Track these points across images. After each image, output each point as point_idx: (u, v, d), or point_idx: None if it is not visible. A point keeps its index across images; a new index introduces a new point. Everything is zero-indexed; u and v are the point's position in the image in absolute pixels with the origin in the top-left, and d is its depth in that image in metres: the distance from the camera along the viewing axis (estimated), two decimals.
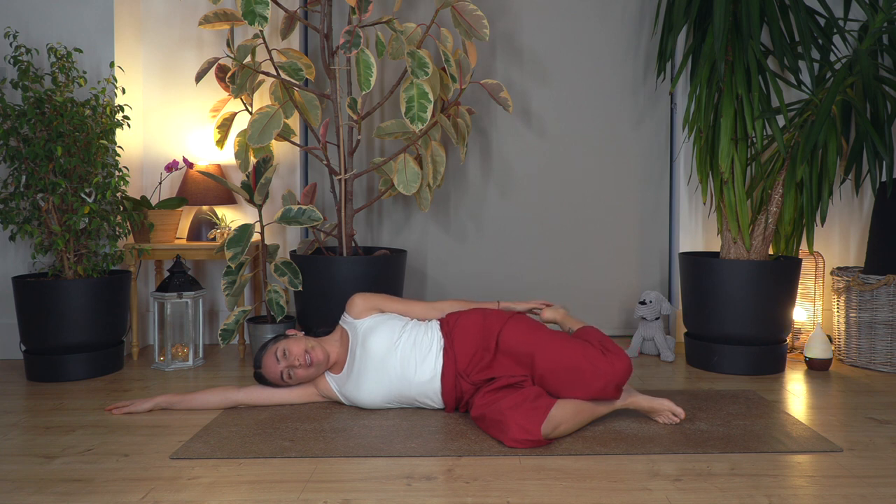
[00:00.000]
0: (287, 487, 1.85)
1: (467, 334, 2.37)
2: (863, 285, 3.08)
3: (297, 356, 2.39)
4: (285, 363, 2.39)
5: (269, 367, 2.43)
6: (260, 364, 2.45)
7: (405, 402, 2.43)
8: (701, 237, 3.60)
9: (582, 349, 2.22)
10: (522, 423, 2.10)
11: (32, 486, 1.87)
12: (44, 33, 3.20)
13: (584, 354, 2.20)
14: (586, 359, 2.19)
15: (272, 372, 2.43)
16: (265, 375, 2.45)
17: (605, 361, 2.18)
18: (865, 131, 2.88)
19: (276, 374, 2.43)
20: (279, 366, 2.41)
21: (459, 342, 2.36)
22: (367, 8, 2.92)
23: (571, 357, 2.20)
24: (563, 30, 3.67)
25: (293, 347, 2.39)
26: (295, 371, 2.40)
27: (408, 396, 2.40)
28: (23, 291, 2.88)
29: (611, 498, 1.79)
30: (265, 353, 2.44)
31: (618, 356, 2.20)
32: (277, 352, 2.40)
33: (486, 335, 2.35)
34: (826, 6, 3.02)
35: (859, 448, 2.14)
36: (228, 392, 2.48)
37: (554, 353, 2.22)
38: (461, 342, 2.36)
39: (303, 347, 2.40)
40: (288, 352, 2.39)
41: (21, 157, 2.85)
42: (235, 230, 2.96)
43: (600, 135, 3.70)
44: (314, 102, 3.21)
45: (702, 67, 2.99)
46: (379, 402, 2.41)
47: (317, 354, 2.40)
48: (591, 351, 2.21)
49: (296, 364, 2.39)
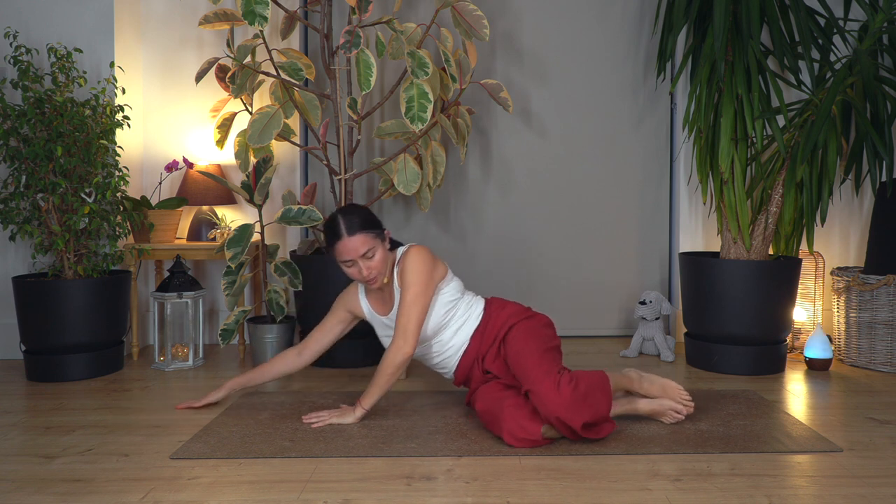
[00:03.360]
0: (287, 487, 1.85)
1: (497, 322, 2.35)
2: (863, 285, 3.08)
3: (366, 271, 2.29)
4: (361, 275, 2.31)
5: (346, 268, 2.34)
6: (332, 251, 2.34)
7: (419, 359, 2.46)
8: (701, 237, 3.60)
9: (541, 372, 2.11)
10: (523, 423, 2.10)
11: (32, 486, 1.87)
12: (44, 33, 3.20)
13: (538, 377, 2.10)
14: (534, 383, 2.10)
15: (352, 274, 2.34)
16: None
17: (550, 394, 2.05)
18: (865, 131, 2.88)
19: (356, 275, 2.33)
20: (354, 270, 2.32)
21: (490, 328, 2.35)
22: (367, 8, 2.92)
23: (526, 373, 2.14)
24: (563, 30, 3.67)
25: (361, 269, 2.29)
26: (369, 276, 2.31)
27: (426, 357, 2.43)
28: (23, 291, 2.88)
29: (611, 498, 1.79)
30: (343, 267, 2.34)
31: (569, 395, 2.05)
32: (347, 265, 2.31)
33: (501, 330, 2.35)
34: (826, 6, 3.02)
35: (859, 448, 2.14)
36: (288, 357, 2.48)
37: (518, 369, 2.19)
38: (491, 328, 2.35)
39: (370, 269, 2.29)
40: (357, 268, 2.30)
41: (21, 157, 2.85)
42: (235, 230, 2.96)
43: (600, 135, 3.70)
44: (314, 102, 3.21)
45: (702, 67, 2.99)
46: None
47: (375, 270, 2.30)
48: (549, 379, 2.08)
49: (365, 274, 2.30)
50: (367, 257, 2.29)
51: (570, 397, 2.04)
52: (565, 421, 2.04)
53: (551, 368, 2.13)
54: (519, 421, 2.10)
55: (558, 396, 2.04)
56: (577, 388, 2.06)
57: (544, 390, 2.06)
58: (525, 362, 2.18)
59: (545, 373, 2.10)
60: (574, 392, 2.05)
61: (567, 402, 2.03)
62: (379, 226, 2.34)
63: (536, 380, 2.09)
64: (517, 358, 2.22)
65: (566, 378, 2.08)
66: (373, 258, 2.29)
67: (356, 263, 2.29)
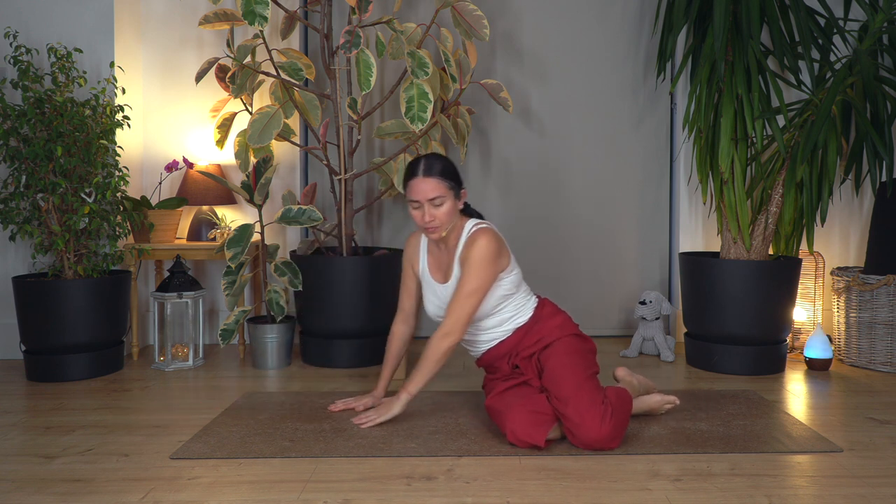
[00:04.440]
0: (287, 487, 1.85)
1: (546, 328, 2.31)
2: (863, 285, 3.08)
3: (430, 216, 2.25)
4: (423, 220, 2.28)
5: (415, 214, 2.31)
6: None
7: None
8: (701, 237, 3.60)
9: (591, 404, 2.10)
10: (529, 429, 2.10)
11: (32, 486, 1.87)
12: (44, 33, 3.20)
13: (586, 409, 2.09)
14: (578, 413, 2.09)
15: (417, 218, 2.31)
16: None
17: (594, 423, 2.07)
18: (865, 131, 2.88)
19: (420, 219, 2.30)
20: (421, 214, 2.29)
21: (537, 330, 2.31)
22: (367, 8, 2.92)
23: (570, 401, 2.11)
24: (563, 30, 3.67)
25: (426, 215, 2.26)
26: (431, 223, 2.27)
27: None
28: (23, 291, 2.88)
29: (611, 498, 1.79)
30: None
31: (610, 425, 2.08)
32: (415, 206, 2.28)
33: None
34: (826, 6, 3.02)
35: (859, 448, 2.14)
36: (401, 332, 2.50)
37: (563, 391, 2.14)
38: (538, 331, 2.31)
39: (433, 217, 2.25)
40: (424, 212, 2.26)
41: (21, 157, 2.85)
42: (235, 230, 2.96)
43: (600, 135, 3.70)
44: (314, 102, 3.21)
45: (702, 67, 2.99)
46: (436, 319, 2.37)
47: (441, 219, 2.26)
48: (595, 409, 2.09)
49: (427, 220, 2.26)
50: (435, 204, 2.25)
51: (611, 431, 2.07)
52: (601, 449, 2.08)
53: (595, 398, 2.10)
54: (525, 426, 2.10)
55: (601, 430, 2.06)
56: (615, 418, 2.09)
57: (588, 421, 2.06)
58: (566, 382, 2.14)
59: (591, 402, 2.09)
60: (615, 426, 2.08)
61: (609, 436, 2.07)
62: (457, 180, 2.30)
63: (580, 407, 2.08)
64: (559, 371, 2.18)
65: (609, 410, 2.09)
66: (440, 207, 2.25)
67: (422, 206, 2.25)
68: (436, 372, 2.27)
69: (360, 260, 3.09)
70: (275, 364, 3.09)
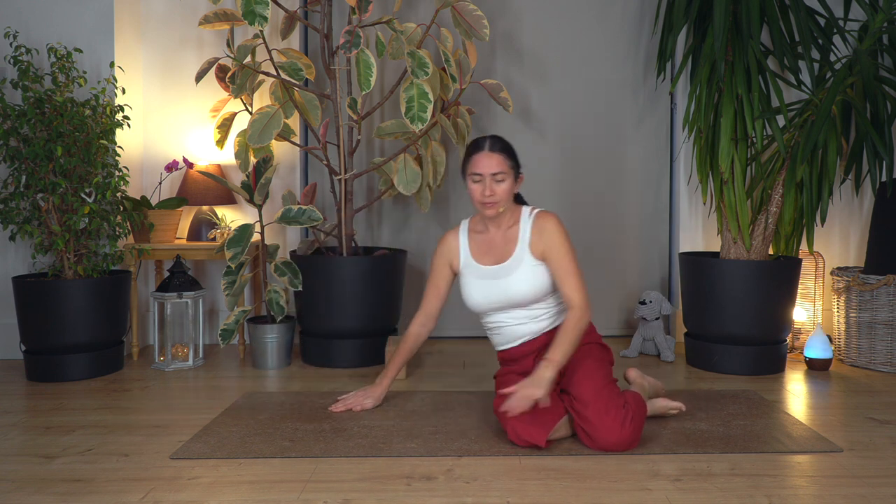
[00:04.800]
0: (287, 487, 1.85)
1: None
2: (863, 285, 3.08)
3: (490, 191, 2.27)
4: (482, 193, 2.28)
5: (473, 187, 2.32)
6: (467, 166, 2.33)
7: (490, 321, 2.38)
8: (701, 237, 3.60)
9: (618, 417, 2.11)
10: (531, 428, 2.10)
11: (32, 486, 1.87)
12: (44, 33, 3.20)
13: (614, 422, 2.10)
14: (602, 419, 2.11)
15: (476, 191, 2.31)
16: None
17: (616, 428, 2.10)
18: (865, 131, 2.88)
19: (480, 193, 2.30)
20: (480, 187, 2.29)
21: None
22: (367, 8, 2.92)
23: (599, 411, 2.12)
24: (563, 30, 3.67)
25: (486, 188, 2.27)
26: (490, 198, 2.28)
27: (493, 318, 2.36)
28: (23, 291, 2.88)
29: (611, 498, 1.79)
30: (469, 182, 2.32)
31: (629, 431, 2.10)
32: (476, 178, 2.29)
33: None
34: (826, 6, 3.02)
35: (859, 448, 2.14)
36: (417, 333, 2.51)
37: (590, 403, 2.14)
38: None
39: (493, 192, 2.27)
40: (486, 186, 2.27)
41: (21, 157, 2.85)
42: (235, 230, 2.96)
43: (600, 135, 3.70)
44: (314, 102, 3.21)
45: (702, 67, 2.99)
46: (479, 307, 2.35)
47: (500, 195, 2.28)
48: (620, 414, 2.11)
49: (487, 194, 2.27)
50: (497, 180, 2.27)
51: (631, 434, 2.09)
52: (618, 451, 2.09)
53: (617, 402, 2.12)
54: (526, 425, 2.10)
55: (622, 433, 2.08)
56: (634, 422, 2.11)
57: (609, 424, 2.08)
58: (588, 385, 2.15)
59: (612, 405, 2.10)
60: (634, 429, 2.10)
61: (629, 439, 2.09)
62: (518, 162, 2.34)
63: (601, 410, 2.09)
64: (582, 374, 2.19)
65: (630, 415, 2.11)
66: (501, 183, 2.27)
67: (483, 180, 2.27)
68: (577, 345, 2.22)
69: (360, 260, 3.09)
70: (275, 364, 3.09)
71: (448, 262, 2.44)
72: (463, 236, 2.42)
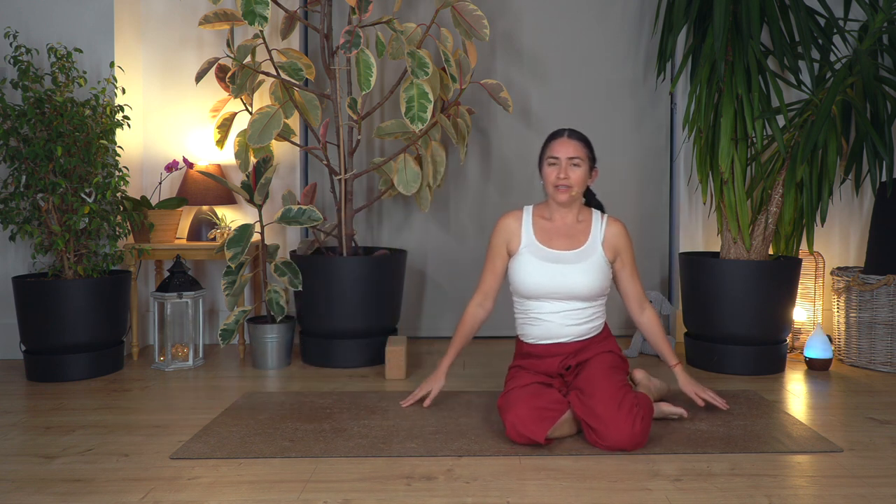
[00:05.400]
0: (287, 487, 1.85)
1: (603, 345, 2.39)
2: (863, 285, 3.08)
3: (565, 174, 2.31)
4: (557, 176, 2.32)
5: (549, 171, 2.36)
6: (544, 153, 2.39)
7: (533, 310, 2.37)
8: (701, 237, 3.60)
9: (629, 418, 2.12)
10: (531, 424, 2.10)
11: (32, 486, 1.87)
12: (44, 33, 3.20)
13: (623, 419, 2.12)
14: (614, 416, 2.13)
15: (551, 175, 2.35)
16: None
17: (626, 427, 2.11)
18: (865, 131, 2.88)
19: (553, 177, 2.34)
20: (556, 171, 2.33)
21: (603, 343, 2.38)
22: (367, 8, 2.92)
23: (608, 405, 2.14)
24: (563, 30, 3.67)
25: (561, 171, 2.31)
26: (564, 181, 2.32)
27: (542, 313, 2.35)
28: (23, 291, 2.88)
29: (611, 498, 1.79)
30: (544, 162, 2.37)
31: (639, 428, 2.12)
32: (552, 161, 2.34)
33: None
34: (826, 6, 3.02)
35: (859, 448, 2.14)
36: (476, 314, 2.46)
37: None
38: (603, 344, 2.38)
39: (568, 176, 2.31)
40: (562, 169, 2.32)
41: (21, 157, 2.85)
42: (235, 230, 2.96)
43: (600, 135, 3.69)
44: (314, 102, 3.21)
45: (702, 67, 2.99)
46: (532, 290, 2.34)
47: (575, 180, 2.32)
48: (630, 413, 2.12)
49: (562, 177, 2.31)
50: (573, 164, 2.31)
51: (640, 434, 2.10)
52: (627, 449, 2.09)
53: (629, 401, 2.13)
54: (526, 421, 2.11)
55: (633, 433, 2.09)
56: (644, 422, 2.12)
57: (620, 422, 2.08)
58: (601, 384, 2.17)
59: (624, 404, 2.12)
60: (643, 429, 2.11)
61: (639, 439, 2.10)
62: (594, 156, 2.39)
63: (612, 408, 2.10)
64: (597, 373, 2.21)
65: (641, 414, 2.12)
66: (576, 168, 2.31)
67: (559, 163, 2.31)
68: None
69: (360, 260, 3.09)
70: (275, 364, 3.09)
71: (506, 242, 2.42)
72: (527, 217, 2.42)
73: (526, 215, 2.42)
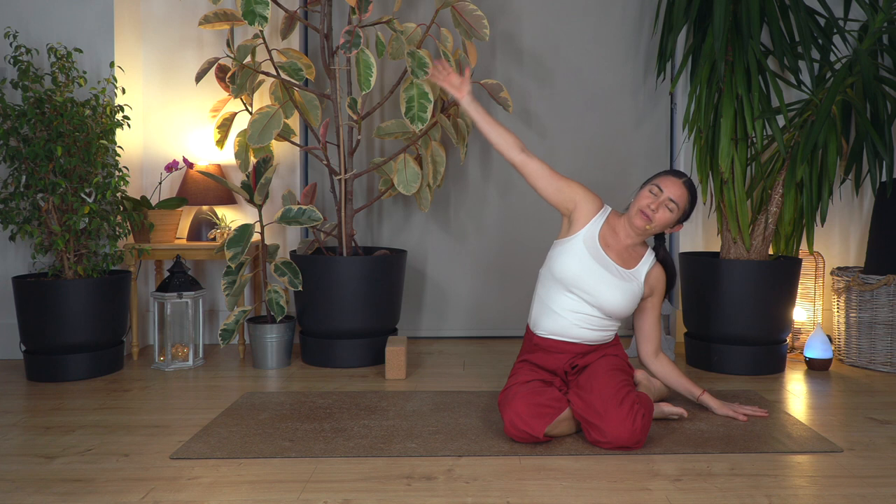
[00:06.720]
0: (287, 487, 1.85)
1: (612, 351, 2.42)
2: (863, 285, 3.08)
3: (656, 207, 2.32)
4: (649, 205, 2.32)
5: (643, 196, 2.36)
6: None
7: (557, 301, 2.36)
8: (701, 237, 3.60)
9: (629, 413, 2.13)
10: (530, 420, 2.11)
11: (32, 486, 1.87)
12: (44, 33, 3.20)
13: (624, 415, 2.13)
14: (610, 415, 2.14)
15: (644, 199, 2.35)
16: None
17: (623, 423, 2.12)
18: (865, 131, 2.88)
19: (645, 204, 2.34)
20: (650, 200, 2.33)
21: (610, 350, 2.41)
22: (367, 8, 2.93)
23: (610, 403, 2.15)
24: (563, 30, 3.67)
25: (654, 203, 2.32)
26: (652, 212, 2.32)
27: (565, 311, 2.35)
28: (23, 291, 2.88)
29: (611, 498, 1.79)
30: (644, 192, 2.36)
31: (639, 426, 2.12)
32: (654, 191, 2.34)
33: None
34: (826, 6, 3.02)
35: (859, 448, 2.14)
36: (512, 141, 2.38)
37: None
38: (610, 351, 2.41)
39: (657, 211, 2.32)
40: (657, 201, 2.33)
41: (21, 157, 2.85)
42: (235, 230, 2.96)
43: (600, 135, 3.70)
44: (314, 102, 3.21)
45: (702, 67, 2.99)
46: (569, 278, 2.33)
47: (659, 220, 2.33)
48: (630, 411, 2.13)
49: (653, 208, 2.31)
50: (667, 206, 2.32)
51: (640, 431, 2.10)
52: (627, 447, 2.10)
53: (631, 399, 2.14)
54: (525, 417, 2.11)
55: (633, 430, 2.09)
56: (645, 420, 2.12)
57: (620, 419, 2.09)
58: (603, 381, 2.18)
59: (625, 401, 2.12)
60: (644, 427, 2.12)
61: (639, 437, 2.10)
62: (689, 217, 2.42)
63: (612, 405, 2.11)
64: (600, 371, 2.23)
65: (641, 412, 2.13)
66: (668, 211, 2.32)
67: (659, 196, 2.32)
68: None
69: (360, 260, 3.09)
70: (275, 364, 3.09)
71: (576, 204, 2.38)
72: (603, 214, 2.40)
73: (603, 211, 2.41)
